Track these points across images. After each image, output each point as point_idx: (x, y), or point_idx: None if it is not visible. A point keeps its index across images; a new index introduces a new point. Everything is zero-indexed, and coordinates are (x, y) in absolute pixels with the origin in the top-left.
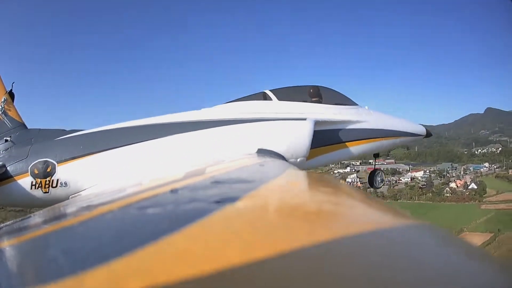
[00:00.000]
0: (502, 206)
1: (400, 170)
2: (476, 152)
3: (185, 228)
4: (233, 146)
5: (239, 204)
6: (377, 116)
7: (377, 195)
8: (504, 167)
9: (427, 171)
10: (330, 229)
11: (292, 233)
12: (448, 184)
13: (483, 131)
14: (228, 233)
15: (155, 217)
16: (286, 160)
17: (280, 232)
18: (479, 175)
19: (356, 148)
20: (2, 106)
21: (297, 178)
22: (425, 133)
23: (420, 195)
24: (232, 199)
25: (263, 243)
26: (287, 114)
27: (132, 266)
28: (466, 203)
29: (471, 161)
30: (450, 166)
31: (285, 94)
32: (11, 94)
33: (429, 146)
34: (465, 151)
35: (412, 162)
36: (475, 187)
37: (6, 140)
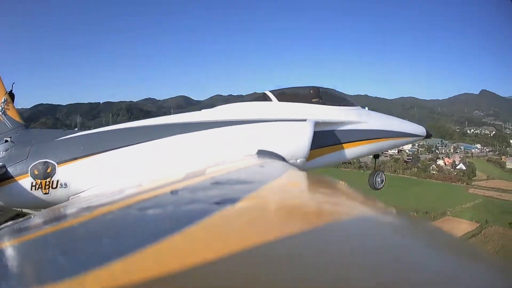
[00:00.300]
0: (491, 193)
1: None
2: (468, 132)
3: (185, 229)
4: (233, 147)
5: (239, 205)
6: (377, 117)
7: (360, 166)
8: (497, 152)
9: (416, 144)
10: (329, 230)
11: (291, 233)
12: (435, 160)
13: (477, 111)
14: (228, 233)
15: (156, 218)
16: (286, 161)
17: (279, 233)
18: (469, 155)
19: (356, 149)
20: (2, 106)
21: (297, 179)
22: (425, 134)
23: (404, 169)
24: (232, 200)
25: (263, 244)
26: (287, 115)
27: (132, 266)
28: (453, 183)
29: (463, 140)
30: (440, 143)
31: (285, 95)
32: (11, 95)
33: (421, 119)
34: (458, 129)
35: None
36: (464, 168)
37: (6, 141)
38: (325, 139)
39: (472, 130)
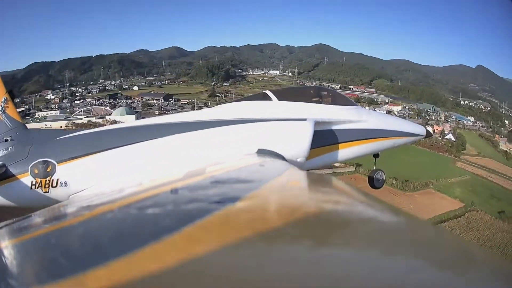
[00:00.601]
0: (480, 172)
1: (379, 101)
2: (462, 102)
3: (186, 228)
4: (233, 146)
5: (240, 204)
6: (377, 116)
7: None
8: (491, 129)
9: (406, 107)
10: (330, 229)
11: (292, 232)
12: (424, 126)
13: (473, 85)
14: (229, 232)
15: (156, 216)
16: (286, 161)
17: (280, 232)
18: (461, 127)
19: (356, 148)
20: (2, 106)
21: (297, 178)
22: (425, 133)
23: None
24: (233, 199)
25: (264, 243)
26: (287, 114)
27: (132, 264)
28: (440, 153)
29: (455, 110)
30: (431, 109)
31: (285, 94)
32: (11, 94)
33: (415, 83)
34: (451, 97)
35: (393, 95)
36: (453, 139)
37: (6, 140)
38: (325, 138)
39: (466, 102)
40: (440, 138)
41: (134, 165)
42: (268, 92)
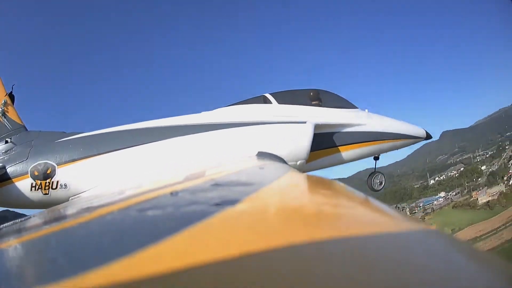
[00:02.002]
0: None
1: None
2: (430, 183)
3: (185, 231)
4: (233, 149)
5: (239, 206)
6: (377, 119)
7: None
8: (466, 190)
9: None
10: (331, 232)
11: (292, 236)
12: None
13: (441, 156)
14: (228, 235)
15: (155, 219)
16: (286, 163)
17: (280, 235)
18: (429, 211)
19: (356, 151)
20: (2, 108)
21: (297, 181)
22: (425, 136)
23: None
24: (232, 202)
25: (264, 246)
26: (287, 117)
27: (132, 268)
28: None
29: (424, 194)
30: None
31: (285, 97)
32: (11, 96)
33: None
34: (420, 183)
35: None
36: None
37: (6, 142)
38: (325, 141)
39: (436, 178)
40: None
41: (134, 167)
42: (268, 95)
